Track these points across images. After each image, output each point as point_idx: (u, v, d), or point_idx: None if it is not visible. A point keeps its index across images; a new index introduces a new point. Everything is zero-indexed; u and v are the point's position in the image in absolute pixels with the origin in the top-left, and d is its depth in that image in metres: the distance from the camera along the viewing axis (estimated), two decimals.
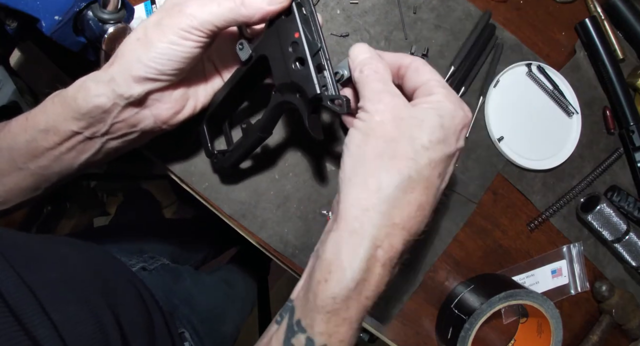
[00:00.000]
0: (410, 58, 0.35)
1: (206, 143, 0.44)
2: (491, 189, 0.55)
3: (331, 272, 0.29)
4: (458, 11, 0.55)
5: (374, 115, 0.30)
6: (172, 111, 0.36)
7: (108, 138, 0.35)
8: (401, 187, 0.29)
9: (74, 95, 0.33)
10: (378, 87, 0.32)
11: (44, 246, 0.37)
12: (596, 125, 0.60)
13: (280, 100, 0.36)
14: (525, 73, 0.57)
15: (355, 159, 0.30)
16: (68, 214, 1.42)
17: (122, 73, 0.32)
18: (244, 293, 0.88)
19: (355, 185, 0.29)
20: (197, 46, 0.32)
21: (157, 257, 0.67)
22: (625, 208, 0.58)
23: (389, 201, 0.29)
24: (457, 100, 0.32)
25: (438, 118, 0.30)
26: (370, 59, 0.33)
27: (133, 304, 0.44)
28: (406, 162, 0.29)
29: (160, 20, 0.32)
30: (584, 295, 0.58)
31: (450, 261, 0.54)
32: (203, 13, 0.31)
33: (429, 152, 0.30)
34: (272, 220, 0.49)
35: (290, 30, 0.33)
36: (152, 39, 0.31)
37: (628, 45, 0.61)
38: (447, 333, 0.49)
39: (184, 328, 0.58)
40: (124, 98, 0.33)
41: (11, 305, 0.28)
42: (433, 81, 0.33)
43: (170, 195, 1.50)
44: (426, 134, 0.30)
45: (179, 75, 0.34)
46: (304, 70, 0.33)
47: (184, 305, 0.62)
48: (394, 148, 0.29)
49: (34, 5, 0.35)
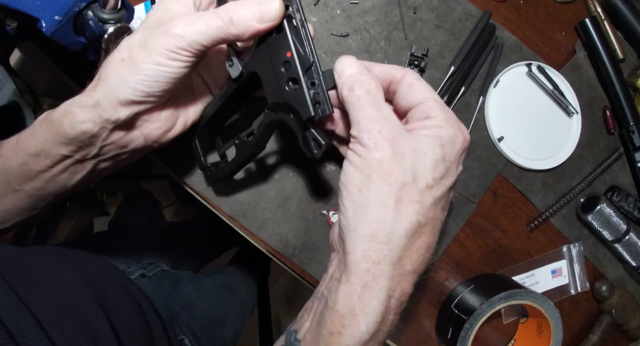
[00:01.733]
0: (402, 71, 0.32)
1: (199, 156, 0.44)
2: (491, 189, 0.55)
3: (345, 326, 0.28)
4: (458, 11, 0.55)
5: (372, 151, 0.28)
6: (162, 130, 0.35)
7: (99, 159, 0.35)
8: (410, 234, 0.28)
9: (59, 121, 0.32)
10: (372, 113, 0.29)
11: (40, 261, 0.37)
12: (596, 125, 0.60)
13: (273, 119, 0.35)
14: (525, 73, 0.57)
15: (357, 205, 0.28)
16: (68, 214, 1.42)
17: (108, 97, 0.31)
18: (245, 296, 0.88)
19: (363, 237, 0.28)
20: (185, 66, 0.31)
21: (156, 263, 0.67)
22: (625, 208, 0.58)
23: (400, 250, 0.28)
24: (456, 123, 0.30)
25: (440, 150, 0.29)
26: (360, 74, 0.31)
27: (131, 315, 0.44)
28: (413, 207, 0.28)
29: (145, 40, 0.30)
30: (584, 295, 0.58)
31: (450, 261, 0.54)
32: (190, 32, 0.29)
33: (434, 191, 0.28)
34: (272, 220, 0.49)
35: (282, 48, 0.32)
36: (137, 60, 0.30)
37: (628, 45, 0.61)
38: (447, 333, 0.49)
39: (183, 335, 0.58)
40: (110, 122, 0.32)
41: (9, 327, 0.27)
42: (430, 101, 0.30)
43: (170, 195, 1.50)
44: (430, 171, 0.28)
45: (167, 96, 0.33)
46: (297, 91, 0.31)
47: (184, 311, 0.62)
48: (399, 193, 0.27)
49: (34, 5, 0.35)
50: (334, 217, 0.49)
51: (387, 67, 0.33)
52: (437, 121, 0.30)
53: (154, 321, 0.48)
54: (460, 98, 0.54)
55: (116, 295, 0.44)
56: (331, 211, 0.50)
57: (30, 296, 0.31)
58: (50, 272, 0.36)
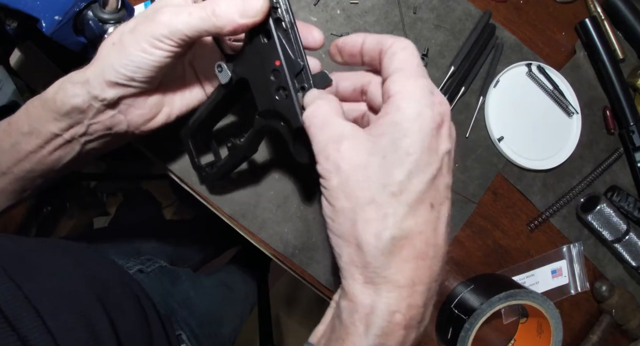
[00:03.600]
0: (391, 40, 0.29)
1: (192, 157, 0.44)
2: (491, 189, 0.55)
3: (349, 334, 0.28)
4: (458, 11, 0.55)
5: (329, 179, 0.27)
6: (143, 118, 0.36)
7: (86, 139, 0.36)
8: (387, 252, 0.25)
9: (53, 97, 0.33)
10: (320, 139, 0.28)
11: (41, 254, 0.38)
12: (596, 125, 0.60)
13: (264, 124, 0.35)
14: (525, 73, 0.57)
15: (334, 234, 0.28)
16: (68, 214, 1.42)
17: (97, 76, 0.32)
18: (244, 295, 0.88)
19: (347, 263, 0.27)
20: (168, 55, 0.32)
21: (155, 259, 0.67)
22: (625, 208, 0.58)
23: (383, 268, 0.26)
24: (423, 95, 0.26)
25: (400, 142, 0.25)
26: (313, 98, 0.30)
27: (129, 308, 0.44)
28: (382, 224, 0.25)
29: (135, 26, 0.31)
30: (584, 295, 0.58)
31: (450, 261, 0.54)
32: (174, 22, 0.30)
33: (404, 196, 0.25)
34: (272, 220, 0.49)
35: (270, 56, 0.31)
36: (125, 45, 0.31)
37: (628, 45, 0.61)
38: (447, 333, 0.49)
39: (181, 330, 0.58)
40: (98, 100, 0.33)
41: (7, 314, 0.28)
42: (396, 73, 0.27)
43: (170, 195, 1.50)
44: (390, 176, 0.25)
45: (151, 83, 0.34)
46: (287, 100, 0.31)
47: (182, 308, 0.62)
48: (364, 213, 0.26)
49: (34, 5, 0.35)
50: None
51: (380, 38, 0.30)
52: (397, 101, 0.26)
53: (152, 317, 0.48)
54: (460, 98, 0.54)
55: (115, 289, 0.44)
56: None
57: (30, 287, 0.31)
58: (51, 264, 0.37)
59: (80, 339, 0.32)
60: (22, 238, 0.39)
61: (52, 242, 0.43)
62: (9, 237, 0.37)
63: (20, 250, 0.36)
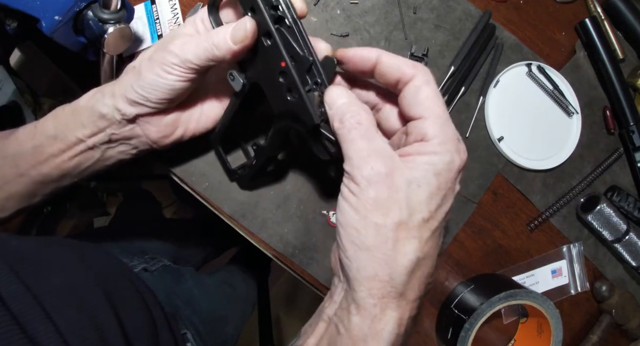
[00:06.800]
0: (413, 69, 0.30)
1: (223, 162, 0.46)
2: (491, 189, 0.55)
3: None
4: (458, 11, 0.55)
5: (366, 189, 0.28)
6: (159, 134, 0.39)
7: (107, 147, 0.39)
8: (410, 270, 0.28)
9: (84, 105, 0.37)
10: (363, 146, 0.28)
11: (47, 251, 0.38)
12: (596, 125, 0.60)
13: (282, 125, 0.36)
14: (525, 73, 0.57)
15: (357, 246, 0.28)
16: (68, 214, 1.42)
17: (121, 92, 0.36)
18: (245, 294, 0.88)
19: (365, 277, 0.28)
20: (179, 80, 0.35)
21: (158, 258, 0.67)
22: (625, 208, 0.58)
23: (402, 285, 0.28)
24: (454, 145, 0.29)
25: (434, 180, 0.28)
26: (349, 105, 0.30)
27: (135, 306, 0.44)
28: (411, 245, 0.28)
29: (152, 54, 0.35)
30: (584, 295, 0.58)
31: (450, 261, 0.54)
32: (183, 52, 0.33)
33: (430, 223, 0.28)
34: (272, 220, 0.49)
35: (276, 58, 0.31)
36: (142, 69, 0.35)
37: (628, 45, 0.61)
38: (447, 333, 0.49)
39: (186, 329, 0.58)
40: (120, 113, 0.36)
41: (15, 313, 0.28)
42: (430, 118, 0.29)
43: (170, 195, 1.50)
44: (425, 205, 0.28)
45: (166, 104, 0.37)
46: (298, 100, 0.31)
47: (186, 306, 0.62)
48: (397, 233, 0.27)
49: (34, 5, 0.35)
50: (333, 217, 0.50)
51: (398, 61, 0.30)
52: (434, 146, 0.28)
53: (157, 315, 0.48)
54: (460, 98, 0.54)
55: (122, 287, 0.44)
56: (331, 211, 0.50)
57: (37, 284, 0.31)
58: (57, 262, 0.37)
59: (88, 338, 0.32)
60: (25, 237, 0.39)
61: (56, 240, 0.43)
62: (13, 236, 0.37)
63: (25, 248, 0.36)
